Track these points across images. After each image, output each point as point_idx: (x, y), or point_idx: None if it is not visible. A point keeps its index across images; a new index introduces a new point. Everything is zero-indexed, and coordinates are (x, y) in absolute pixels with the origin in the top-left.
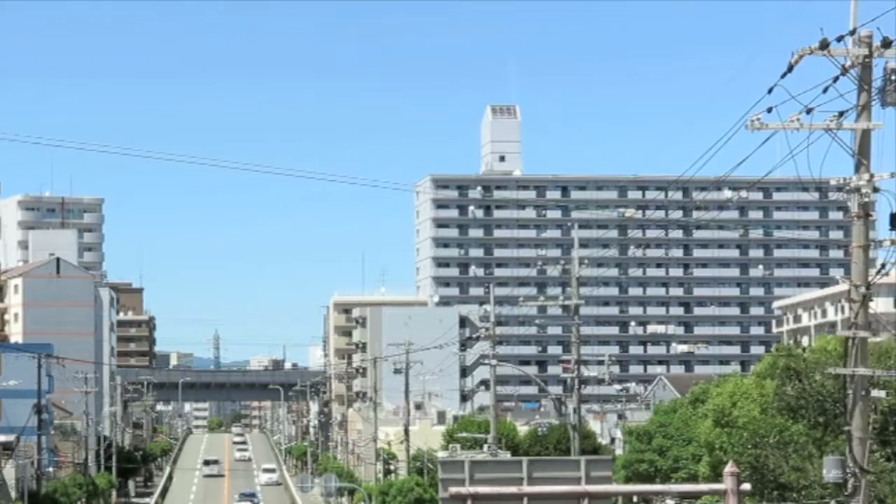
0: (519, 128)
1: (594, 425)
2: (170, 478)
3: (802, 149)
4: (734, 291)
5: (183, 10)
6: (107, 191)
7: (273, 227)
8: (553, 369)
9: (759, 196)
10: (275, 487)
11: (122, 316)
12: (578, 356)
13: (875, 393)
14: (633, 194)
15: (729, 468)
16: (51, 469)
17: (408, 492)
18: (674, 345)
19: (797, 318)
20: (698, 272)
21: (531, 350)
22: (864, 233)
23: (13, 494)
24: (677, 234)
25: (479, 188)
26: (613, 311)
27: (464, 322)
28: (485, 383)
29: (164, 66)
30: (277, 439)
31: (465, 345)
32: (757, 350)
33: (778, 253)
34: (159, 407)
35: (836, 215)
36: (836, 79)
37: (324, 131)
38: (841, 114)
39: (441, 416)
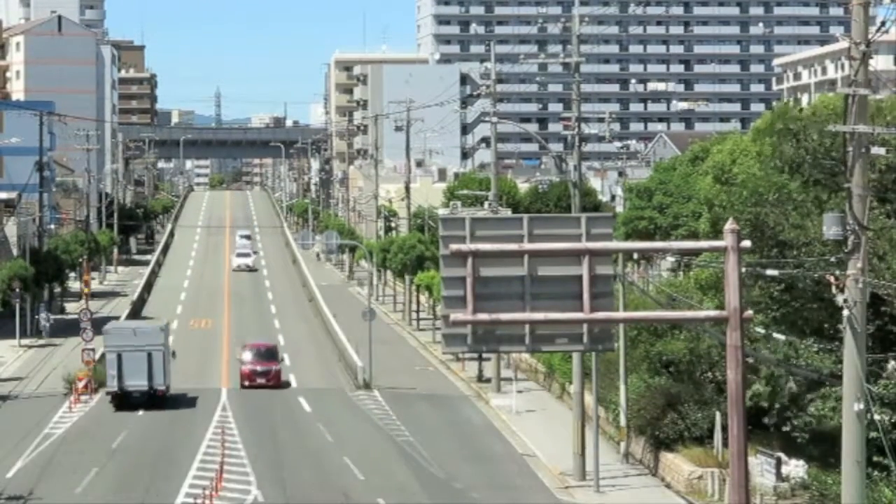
0: None
1: (595, 183)
2: (171, 234)
3: None
4: (734, 49)
5: None
6: None
7: None
8: (554, 127)
9: None
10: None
11: (123, 74)
12: (579, 113)
13: (875, 150)
14: None
15: (729, 225)
16: (52, 226)
17: (409, 249)
18: (674, 102)
19: (797, 76)
20: (698, 30)
21: (532, 107)
22: None
23: (15, 251)
24: None
25: None
26: (614, 68)
27: (464, 79)
28: (485, 140)
29: None
30: (278, 196)
31: (465, 102)
32: (757, 107)
33: (778, 10)
34: (160, 164)
35: None
36: None
37: None
38: None
39: (442, 174)
